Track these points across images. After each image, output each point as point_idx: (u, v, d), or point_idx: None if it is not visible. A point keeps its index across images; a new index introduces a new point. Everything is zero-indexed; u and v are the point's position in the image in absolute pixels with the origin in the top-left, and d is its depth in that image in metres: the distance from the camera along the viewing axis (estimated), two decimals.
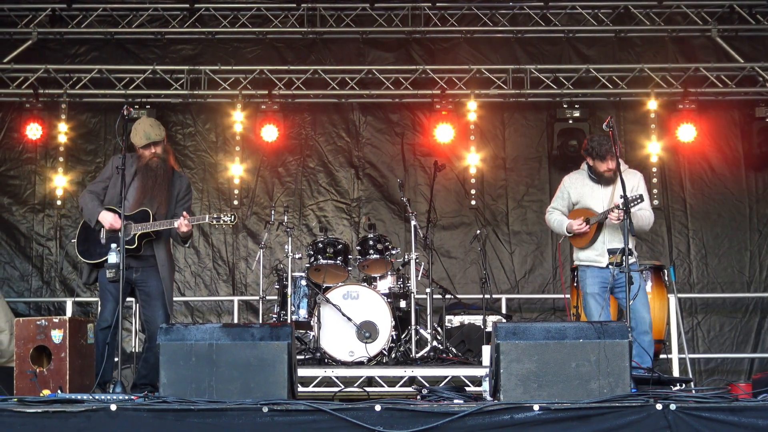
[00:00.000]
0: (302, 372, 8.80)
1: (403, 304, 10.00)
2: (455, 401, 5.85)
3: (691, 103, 11.83)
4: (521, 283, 12.01)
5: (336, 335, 9.47)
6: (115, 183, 7.60)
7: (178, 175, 7.89)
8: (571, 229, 8.05)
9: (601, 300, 7.90)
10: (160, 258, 7.60)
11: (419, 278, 10.01)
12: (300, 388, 8.23)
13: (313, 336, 9.58)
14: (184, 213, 7.46)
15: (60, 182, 12.00)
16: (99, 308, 8.04)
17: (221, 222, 7.55)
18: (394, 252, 10.09)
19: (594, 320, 7.61)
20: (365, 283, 9.92)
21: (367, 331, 9.40)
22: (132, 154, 7.71)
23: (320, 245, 10.02)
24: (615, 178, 7.94)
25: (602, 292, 7.88)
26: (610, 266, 7.74)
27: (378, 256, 9.99)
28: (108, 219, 7.48)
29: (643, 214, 7.99)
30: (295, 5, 12.18)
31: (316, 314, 9.54)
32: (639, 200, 7.68)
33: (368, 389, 8.42)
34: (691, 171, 12.12)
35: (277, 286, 10.26)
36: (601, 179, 8.08)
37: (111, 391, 6.61)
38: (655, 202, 11.68)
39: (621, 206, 7.41)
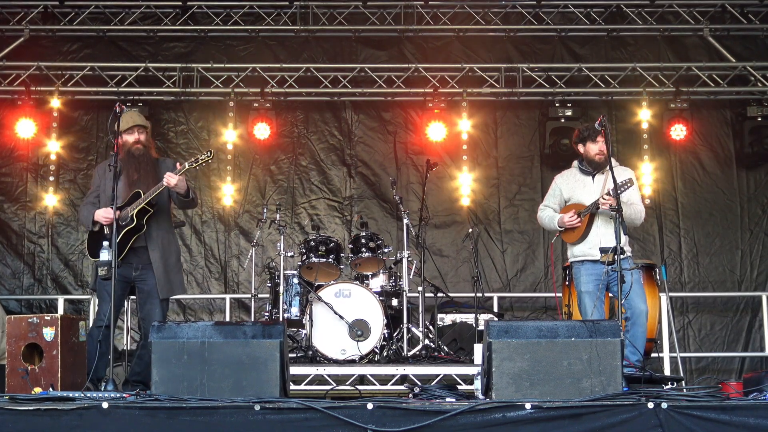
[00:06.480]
0: (294, 370, 8.80)
1: (395, 302, 10.00)
2: (447, 399, 5.86)
3: (683, 102, 11.84)
4: (513, 282, 12.03)
5: (328, 333, 9.47)
6: (104, 188, 7.68)
7: (162, 161, 7.95)
8: (563, 224, 8.05)
9: (596, 298, 7.89)
10: (152, 239, 7.60)
11: (411, 276, 9.99)
12: (292, 386, 8.21)
13: (305, 334, 9.57)
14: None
15: (52, 180, 11.96)
16: (97, 305, 8.03)
17: (200, 162, 7.62)
18: (386, 250, 10.10)
19: (587, 319, 7.63)
20: (357, 282, 9.92)
21: (359, 329, 9.40)
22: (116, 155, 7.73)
23: (312, 243, 10.02)
24: (605, 165, 7.94)
25: (596, 289, 7.87)
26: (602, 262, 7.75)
27: (370, 255, 10.00)
28: (101, 214, 7.53)
29: (635, 208, 8.02)
30: (287, 3, 12.16)
31: (308, 312, 9.53)
32: (629, 184, 7.71)
33: (360, 387, 8.44)
34: (682, 170, 12.15)
35: (269, 284, 10.26)
36: (593, 165, 8.07)
37: (103, 389, 6.60)
38: (647, 201, 11.69)
39: (611, 192, 7.43)
